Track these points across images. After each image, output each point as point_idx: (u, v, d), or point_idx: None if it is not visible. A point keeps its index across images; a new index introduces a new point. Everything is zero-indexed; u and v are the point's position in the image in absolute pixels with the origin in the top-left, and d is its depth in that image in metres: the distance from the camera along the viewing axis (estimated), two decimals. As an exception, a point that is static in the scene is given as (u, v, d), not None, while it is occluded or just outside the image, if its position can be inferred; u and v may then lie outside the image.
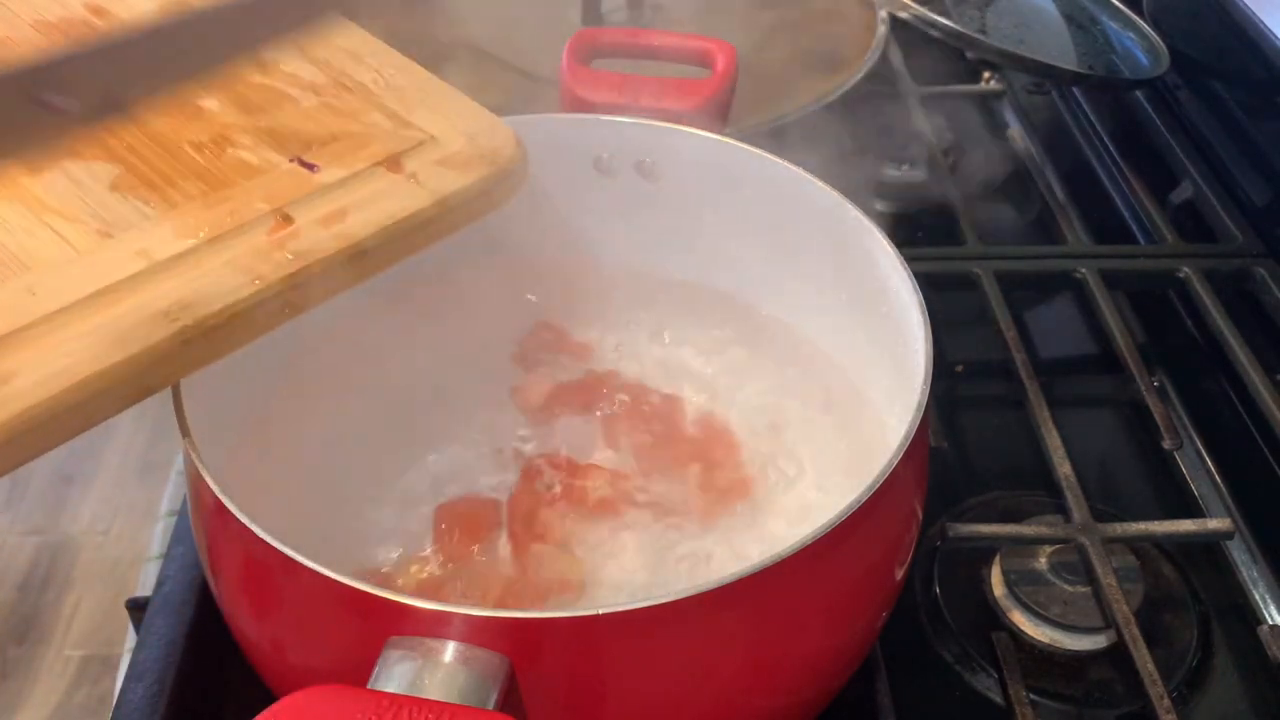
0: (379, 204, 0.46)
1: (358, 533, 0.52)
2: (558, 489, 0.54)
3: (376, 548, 0.51)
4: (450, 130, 0.50)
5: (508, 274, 0.63)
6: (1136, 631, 0.53)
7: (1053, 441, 0.62)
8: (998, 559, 0.58)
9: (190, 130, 0.49)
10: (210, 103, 0.50)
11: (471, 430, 0.57)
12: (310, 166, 0.47)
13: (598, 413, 0.57)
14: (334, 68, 0.52)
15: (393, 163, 0.48)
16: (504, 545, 0.52)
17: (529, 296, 0.63)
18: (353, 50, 0.53)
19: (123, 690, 0.50)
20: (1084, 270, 0.74)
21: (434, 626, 0.36)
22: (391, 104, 0.51)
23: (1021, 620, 0.56)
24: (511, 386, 0.59)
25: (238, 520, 0.39)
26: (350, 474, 0.54)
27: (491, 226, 0.62)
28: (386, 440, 0.55)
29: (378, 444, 0.55)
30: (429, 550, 0.51)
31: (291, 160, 0.47)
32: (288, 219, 0.45)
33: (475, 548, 0.51)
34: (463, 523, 0.52)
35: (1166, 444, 0.63)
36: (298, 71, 0.52)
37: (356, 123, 0.50)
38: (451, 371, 0.59)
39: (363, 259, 0.45)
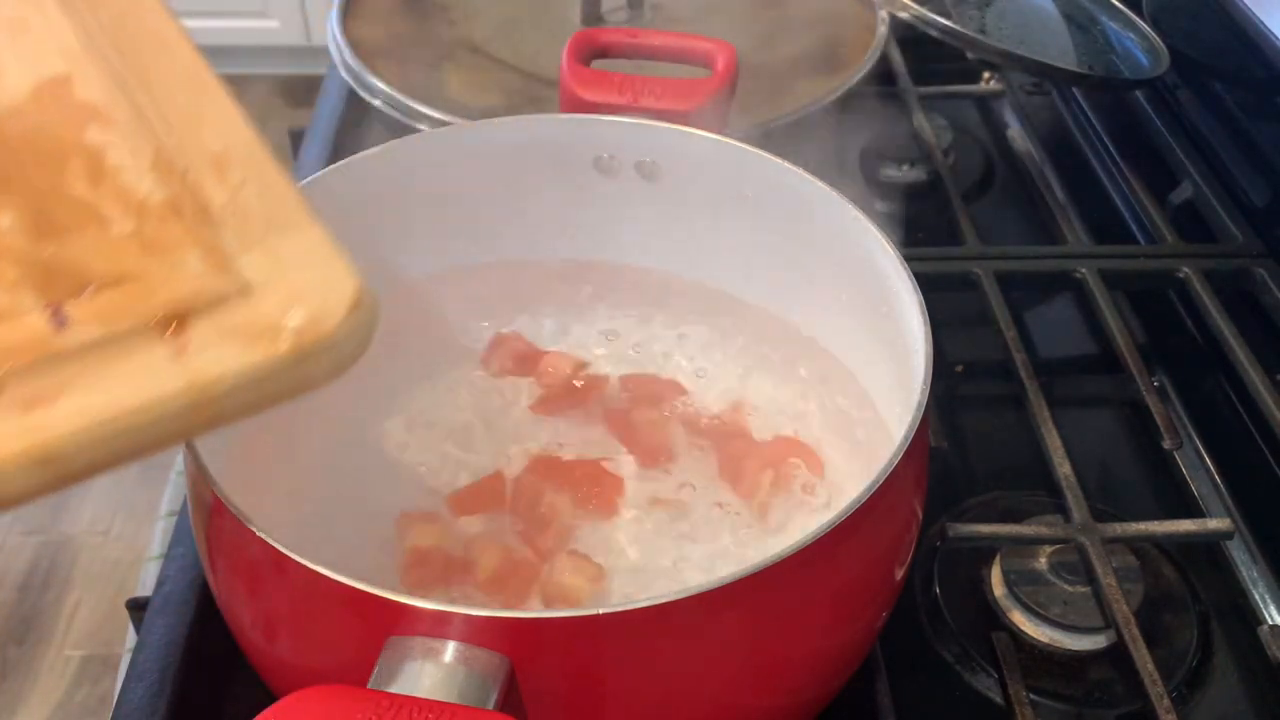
0: (110, 387, 0.35)
1: (358, 532, 0.52)
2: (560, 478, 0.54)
3: (377, 545, 0.51)
4: (277, 281, 0.39)
5: (508, 274, 0.63)
6: (1136, 631, 0.53)
7: (1053, 441, 0.62)
8: (998, 559, 0.58)
9: None
10: (3, 218, 0.40)
11: (472, 426, 0.57)
12: (61, 320, 0.37)
13: (599, 409, 0.57)
14: (187, 180, 0.41)
15: (173, 323, 0.37)
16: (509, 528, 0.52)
17: (530, 296, 0.63)
18: (223, 155, 0.43)
19: (123, 690, 0.50)
20: (1084, 270, 0.73)
21: (434, 626, 0.36)
22: (226, 236, 0.40)
23: (1021, 620, 0.56)
24: (512, 384, 0.59)
25: (237, 520, 0.39)
26: (350, 473, 0.54)
27: (492, 227, 0.62)
28: (387, 438, 0.55)
29: (377, 443, 0.55)
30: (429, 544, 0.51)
31: (46, 308, 0.37)
32: None
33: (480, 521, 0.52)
34: (467, 505, 0.52)
35: (1166, 444, 0.63)
36: (134, 185, 0.41)
37: (161, 261, 0.39)
38: (453, 370, 0.59)
39: (52, 466, 0.34)
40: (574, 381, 0.59)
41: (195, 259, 0.39)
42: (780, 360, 0.60)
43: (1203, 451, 0.68)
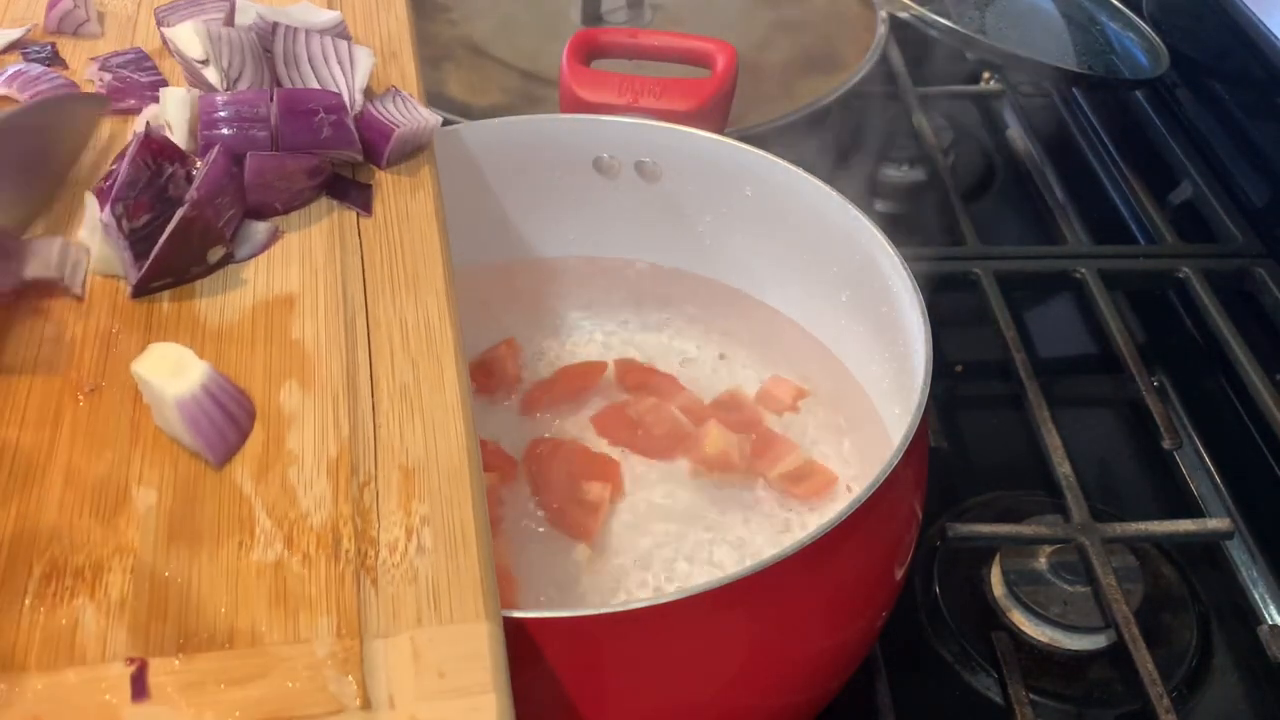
0: None
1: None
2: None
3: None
4: (404, 704, 0.31)
5: (508, 274, 0.63)
6: (1136, 631, 0.53)
7: (1053, 441, 0.62)
8: (998, 559, 0.58)
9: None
10: (145, 496, 0.36)
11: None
12: (140, 689, 0.31)
13: (597, 400, 0.58)
14: (362, 498, 0.36)
15: None
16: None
17: (529, 295, 0.63)
18: (418, 470, 0.36)
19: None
20: (1084, 270, 0.74)
21: (434, 626, 0.36)
22: (373, 604, 0.33)
23: (1021, 620, 0.56)
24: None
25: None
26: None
27: (493, 227, 0.62)
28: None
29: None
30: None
31: (131, 663, 0.32)
32: None
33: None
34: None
35: (1166, 444, 0.63)
36: (300, 488, 0.36)
37: (284, 624, 0.33)
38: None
39: None
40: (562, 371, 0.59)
41: (323, 634, 0.32)
42: (779, 359, 0.60)
43: (1203, 451, 0.68)
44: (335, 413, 0.38)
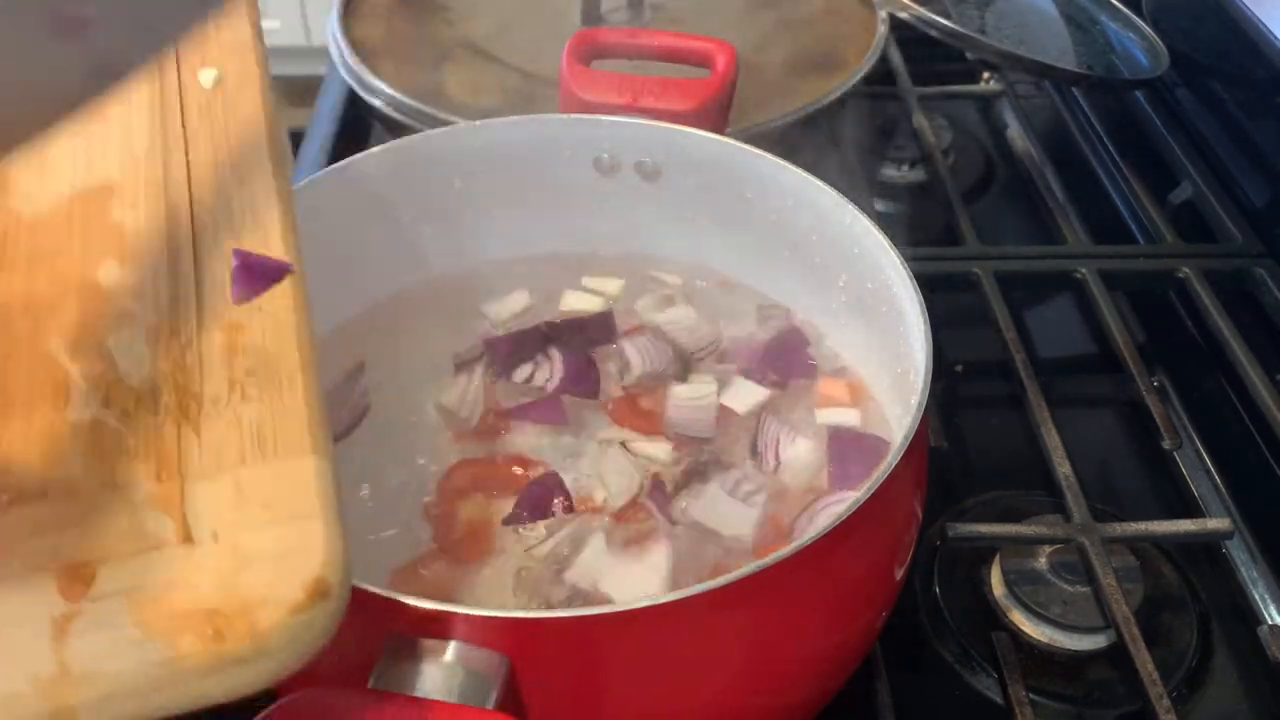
0: None
1: (357, 530, 0.51)
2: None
3: (376, 541, 0.51)
4: (228, 536, 0.31)
5: (509, 274, 0.63)
6: (1136, 631, 0.53)
7: (1053, 441, 0.62)
8: (998, 559, 0.58)
9: None
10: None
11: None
12: None
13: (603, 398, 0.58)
14: (184, 358, 0.35)
15: (79, 573, 0.30)
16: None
17: (529, 295, 0.63)
18: (241, 328, 0.36)
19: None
20: (1084, 270, 0.74)
21: (433, 626, 0.36)
22: (194, 450, 0.33)
23: (1021, 620, 0.56)
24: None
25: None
26: (353, 463, 0.54)
27: (493, 228, 0.62)
28: (388, 431, 0.55)
29: (380, 432, 0.55)
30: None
31: None
32: None
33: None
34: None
35: (1166, 444, 0.63)
36: (118, 354, 0.35)
37: (100, 472, 0.32)
38: (446, 374, 0.59)
39: None
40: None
41: (143, 478, 0.32)
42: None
43: (1203, 451, 0.68)
44: (155, 285, 0.37)
